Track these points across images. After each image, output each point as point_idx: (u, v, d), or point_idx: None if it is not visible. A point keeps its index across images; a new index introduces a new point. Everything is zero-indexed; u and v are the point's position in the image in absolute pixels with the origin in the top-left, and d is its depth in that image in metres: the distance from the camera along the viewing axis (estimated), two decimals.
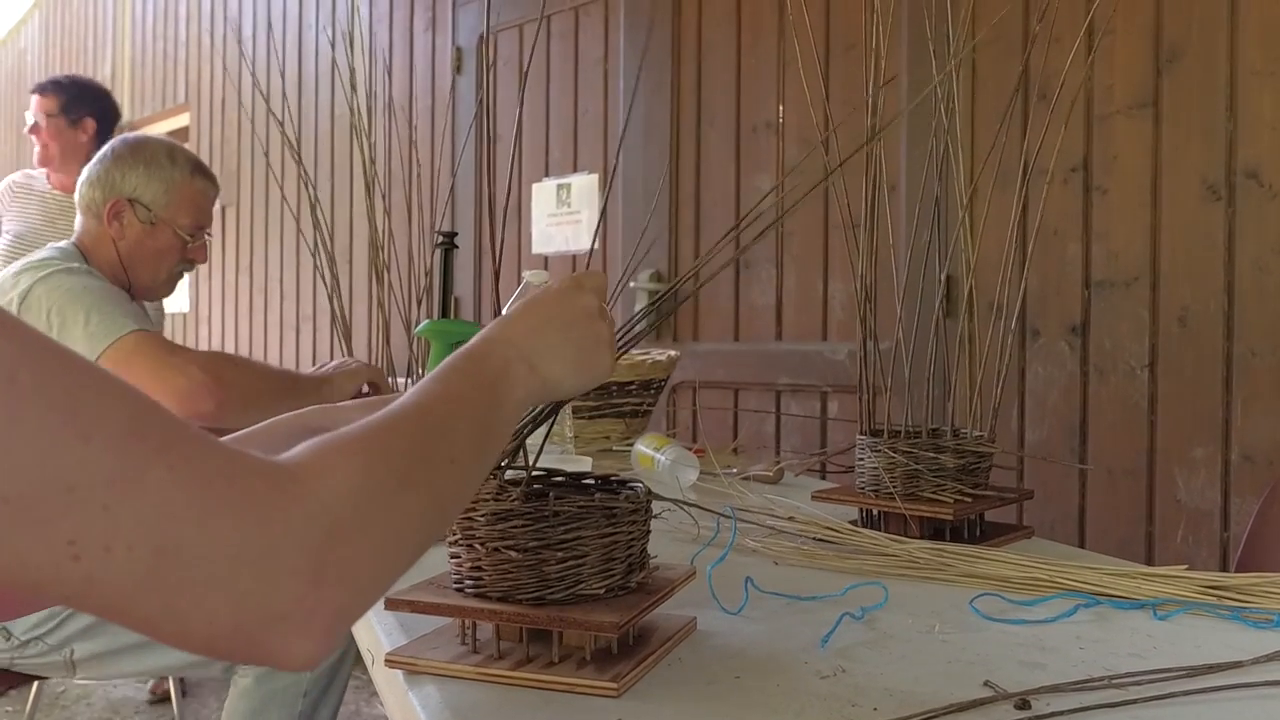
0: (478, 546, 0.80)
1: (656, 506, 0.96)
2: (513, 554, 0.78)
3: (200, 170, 1.96)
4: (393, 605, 0.83)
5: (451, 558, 0.83)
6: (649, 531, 0.87)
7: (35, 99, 3.20)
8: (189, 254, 1.95)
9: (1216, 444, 2.06)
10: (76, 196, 1.92)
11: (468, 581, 0.81)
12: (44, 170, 3.24)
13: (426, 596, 0.82)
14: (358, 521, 0.52)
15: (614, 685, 0.74)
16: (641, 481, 0.89)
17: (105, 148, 1.93)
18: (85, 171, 1.91)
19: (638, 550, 0.84)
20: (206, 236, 1.98)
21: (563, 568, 0.78)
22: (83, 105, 3.18)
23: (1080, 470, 2.25)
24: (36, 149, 3.17)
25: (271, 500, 0.49)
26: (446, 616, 0.82)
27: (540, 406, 0.83)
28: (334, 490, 0.52)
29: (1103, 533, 2.23)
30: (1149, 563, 2.15)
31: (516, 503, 0.79)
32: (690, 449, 1.78)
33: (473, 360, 0.69)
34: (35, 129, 3.17)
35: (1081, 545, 2.25)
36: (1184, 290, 2.12)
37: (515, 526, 0.78)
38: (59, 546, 0.44)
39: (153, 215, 1.87)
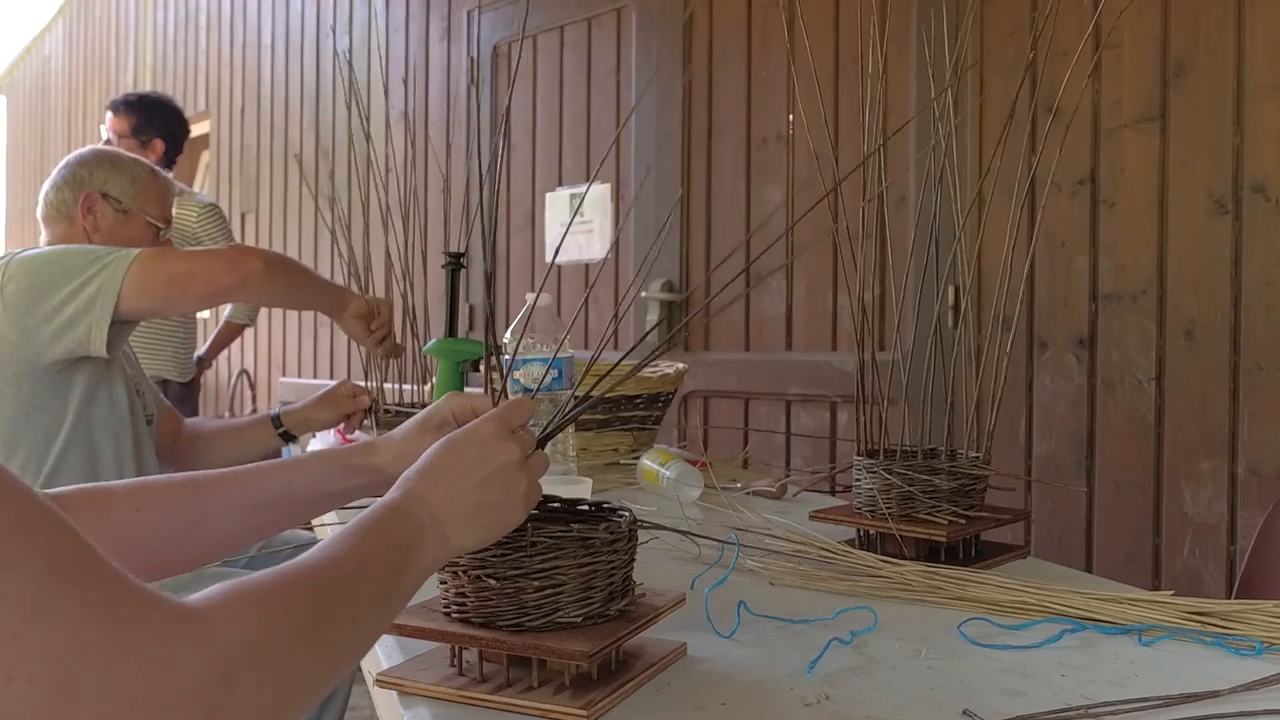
0: (460, 574, 0.82)
1: (647, 530, 0.98)
2: (491, 582, 0.81)
3: (158, 172, 2.05)
4: None
5: (440, 584, 0.86)
6: (633, 559, 0.88)
7: (109, 116, 3.31)
8: (159, 246, 2.00)
9: (1223, 457, 2.07)
10: (41, 211, 1.95)
11: (453, 607, 0.84)
12: None
13: (414, 621, 0.85)
14: (254, 675, 0.53)
15: (584, 712, 0.77)
16: (629, 509, 0.91)
17: (69, 157, 1.99)
18: (47, 184, 1.96)
19: (619, 578, 0.86)
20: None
21: (539, 596, 0.80)
22: (152, 127, 3.32)
23: (1087, 483, 2.25)
24: None
25: (176, 645, 0.50)
26: (430, 641, 0.85)
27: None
28: (237, 640, 0.53)
29: (1110, 545, 2.23)
30: (1156, 575, 2.15)
31: None
32: (696, 462, 1.79)
33: (392, 520, 0.72)
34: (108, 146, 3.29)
35: (1088, 558, 2.25)
36: (1191, 304, 2.12)
37: (494, 555, 0.81)
38: None
39: (124, 205, 1.94)
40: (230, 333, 3.67)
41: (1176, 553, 2.12)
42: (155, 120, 3.34)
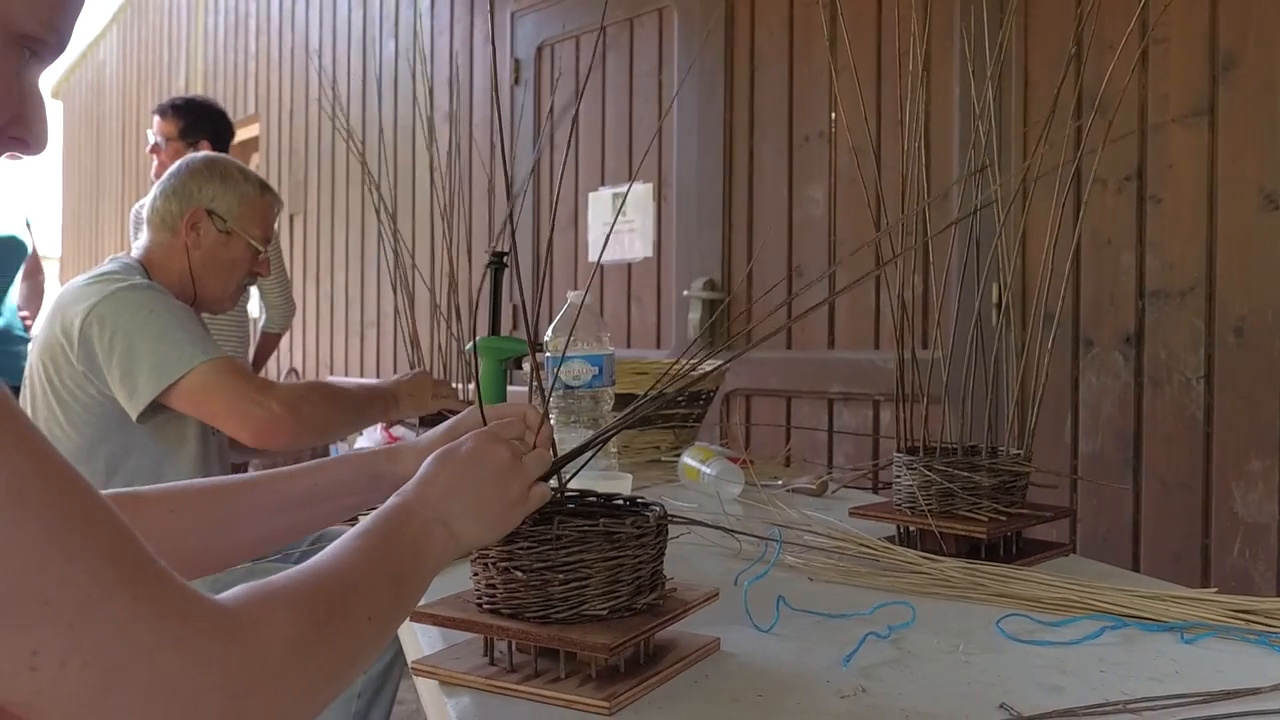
0: (490, 566, 0.84)
1: (687, 527, 0.99)
2: (519, 574, 0.82)
3: (268, 188, 2.05)
4: (417, 618, 0.87)
5: (472, 575, 0.88)
6: (662, 554, 0.89)
7: (157, 120, 3.37)
8: (256, 267, 2.02)
9: (1274, 456, 2.03)
10: (148, 211, 1.97)
11: (484, 599, 0.86)
12: None
13: (447, 611, 0.86)
14: (281, 673, 0.57)
15: (606, 703, 0.78)
16: (660, 504, 0.91)
17: (178, 163, 2.00)
18: (158, 187, 1.98)
19: (647, 572, 0.86)
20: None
21: (565, 589, 0.82)
22: (200, 129, 3.37)
23: (1134, 483, 2.23)
24: (154, 166, 3.32)
25: (213, 643, 0.53)
26: (461, 630, 0.86)
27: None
28: (267, 641, 0.56)
29: (1157, 546, 2.20)
30: (1205, 576, 2.12)
31: (523, 525, 0.83)
32: (737, 460, 1.80)
33: (396, 520, 0.75)
34: (156, 149, 3.34)
35: (1135, 558, 2.22)
36: (1240, 301, 2.09)
37: (521, 548, 0.82)
38: (22, 655, 0.48)
39: (227, 225, 1.95)
40: (269, 343, 3.69)
41: (1226, 553, 2.09)
42: (202, 123, 3.39)
